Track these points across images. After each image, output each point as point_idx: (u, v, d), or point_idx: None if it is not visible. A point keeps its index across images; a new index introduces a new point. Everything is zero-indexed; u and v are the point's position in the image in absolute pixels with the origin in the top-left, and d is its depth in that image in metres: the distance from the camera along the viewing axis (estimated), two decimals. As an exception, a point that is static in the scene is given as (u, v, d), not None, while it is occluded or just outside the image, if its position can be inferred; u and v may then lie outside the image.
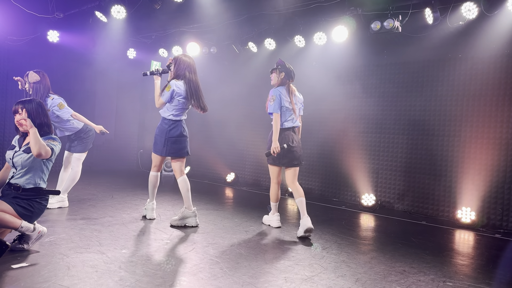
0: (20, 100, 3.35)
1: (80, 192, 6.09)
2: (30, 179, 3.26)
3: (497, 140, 5.42)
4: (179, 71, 4.47)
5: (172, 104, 4.42)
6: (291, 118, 4.60)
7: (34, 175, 3.28)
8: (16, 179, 3.24)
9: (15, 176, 3.24)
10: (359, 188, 6.67)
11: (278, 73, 4.65)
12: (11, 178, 3.25)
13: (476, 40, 5.51)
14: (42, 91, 4.86)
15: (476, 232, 5.06)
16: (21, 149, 3.29)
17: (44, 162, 3.35)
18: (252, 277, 3.00)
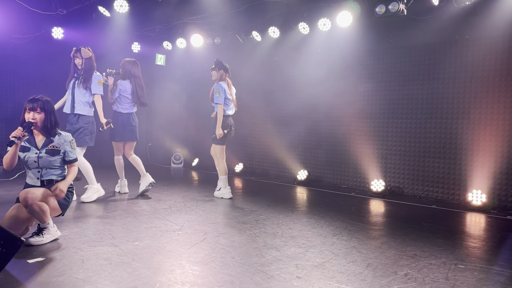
0: (36, 97, 3.40)
1: (91, 187, 6.15)
2: (60, 174, 3.53)
3: (506, 122, 5.36)
4: (124, 73, 5.65)
5: (121, 100, 5.59)
6: (231, 107, 5.67)
7: (61, 170, 3.54)
8: (49, 177, 3.46)
9: (45, 176, 3.44)
10: (368, 174, 6.66)
11: (217, 71, 5.61)
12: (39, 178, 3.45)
13: (484, 21, 5.41)
14: (92, 66, 5.18)
15: (487, 215, 5.04)
16: (42, 151, 3.41)
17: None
18: (263, 265, 3.03)
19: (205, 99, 9.33)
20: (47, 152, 3.39)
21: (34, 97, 3.39)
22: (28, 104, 3.35)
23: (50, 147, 3.41)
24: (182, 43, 8.19)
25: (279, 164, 7.97)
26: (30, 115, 3.32)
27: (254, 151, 8.51)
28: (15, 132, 3.15)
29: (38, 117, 3.33)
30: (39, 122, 3.34)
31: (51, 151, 3.41)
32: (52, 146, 3.42)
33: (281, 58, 7.86)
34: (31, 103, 3.35)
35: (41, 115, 3.35)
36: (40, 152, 3.38)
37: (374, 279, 2.81)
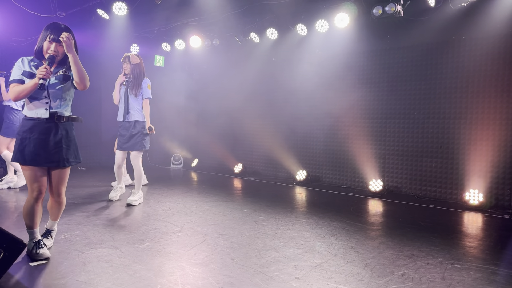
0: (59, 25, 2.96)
1: (91, 189, 6.20)
2: (68, 109, 3.15)
3: (503, 121, 5.40)
4: None
5: None
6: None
7: (69, 104, 3.17)
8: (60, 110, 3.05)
9: (55, 108, 3.02)
10: (366, 174, 6.70)
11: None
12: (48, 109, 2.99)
13: (480, 21, 5.46)
14: (142, 72, 5.28)
15: (484, 214, 5.08)
16: (52, 78, 2.99)
17: None
18: (263, 266, 3.07)
19: (204, 100, 9.41)
20: (58, 77, 2.99)
21: (57, 24, 2.93)
22: (50, 33, 2.88)
23: (61, 72, 3.01)
24: (181, 44, 8.23)
25: (278, 164, 8.02)
26: (51, 47, 2.88)
27: (253, 152, 8.55)
28: (42, 71, 2.75)
29: (60, 50, 2.93)
30: (59, 56, 2.96)
31: (62, 77, 3.00)
32: (62, 71, 3.01)
33: (279, 59, 7.90)
34: (54, 33, 2.87)
35: (62, 49, 2.92)
36: (50, 79, 2.97)
37: (372, 279, 2.86)
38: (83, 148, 8.87)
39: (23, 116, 2.99)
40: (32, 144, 2.91)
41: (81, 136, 8.72)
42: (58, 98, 3.01)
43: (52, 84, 2.96)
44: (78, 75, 2.89)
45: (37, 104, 2.95)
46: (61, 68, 3.02)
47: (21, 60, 2.96)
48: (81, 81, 2.91)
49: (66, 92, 3.06)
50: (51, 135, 2.98)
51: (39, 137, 2.93)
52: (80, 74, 2.89)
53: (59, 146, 3.00)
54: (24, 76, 2.92)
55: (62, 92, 3.01)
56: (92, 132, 9.05)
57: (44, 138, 2.95)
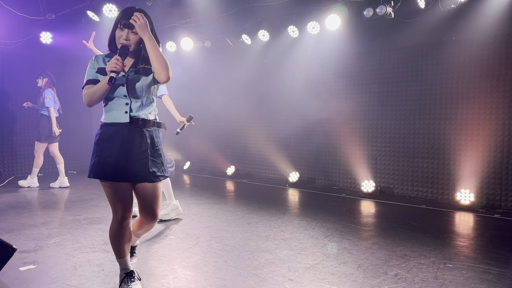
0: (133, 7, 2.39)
1: (82, 193, 6.14)
2: (153, 111, 2.50)
3: (493, 121, 5.46)
4: None
5: None
6: (57, 110, 6.60)
7: (153, 105, 2.52)
8: (141, 113, 2.41)
9: (136, 111, 2.38)
10: (358, 175, 6.72)
11: (42, 79, 6.40)
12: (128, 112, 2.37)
13: (469, 23, 5.52)
14: None
15: (475, 213, 5.12)
16: (131, 73, 2.40)
17: None
18: (256, 268, 3.05)
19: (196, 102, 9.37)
20: (138, 71, 2.40)
21: (129, 8, 2.38)
22: (121, 18, 2.35)
23: (141, 65, 2.42)
24: (172, 46, 8.20)
25: (271, 166, 8.01)
26: (122, 34, 2.34)
27: (245, 154, 8.54)
28: (113, 63, 2.23)
29: (133, 39, 2.35)
30: (132, 45, 2.37)
31: (143, 69, 2.41)
32: (143, 64, 2.43)
33: (271, 61, 7.91)
34: (125, 17, 2.32)
35: (136, 37, 2.35)
36: (129, 74, 2.38)
37: (365, 279, 2.86)
38: (74, 151, 8.80)
39: (101, 123, 2.44)
40: (114, 155, 2.33)
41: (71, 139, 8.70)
42: (140, 98, 2.38)
43: (131, 80, 2.36)
44: (156, 63, 2.26)
45: (114, 106, 2.37)
46: (140, 59, 2.45)
47: (94, 58, 2.45)
48: (161, 70, 2.26)
49: (149, 89, 2.43)
50: (135, 144, 2.36)
51: (120, 147, 2.33)
52: (159, 61, 2.25)
53: (145, 157, 2.38)
54: (100, 74, 2.39)
55: (144, 89, 2.39)
56: (83, 135, 8.96)
57: (127, 148, 2.34)
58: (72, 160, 8.76)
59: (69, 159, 8.69)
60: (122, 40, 2.33)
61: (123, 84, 2.34)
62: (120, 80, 2.33)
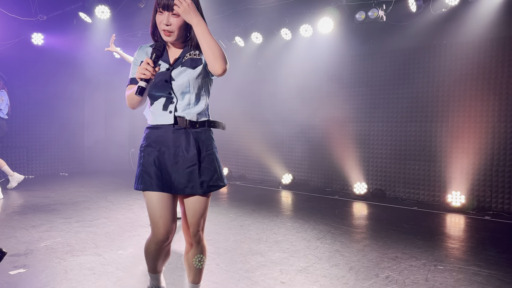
0: None
1: (74, 195, 6.09)
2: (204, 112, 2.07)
3: (483, 124, 5.52)
4: None
5: None
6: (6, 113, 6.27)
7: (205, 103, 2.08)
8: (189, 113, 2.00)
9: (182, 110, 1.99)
10: (351, 177, 6.75)
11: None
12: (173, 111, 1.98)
13: (460, 26, 5.58)
14: None
15: (466, 215, 5.17)
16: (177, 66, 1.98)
17: None
18: (248, 271, 3.06)
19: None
20: (184, 63, 1.97)
21: None
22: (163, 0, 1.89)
23: (188, 56, 1.99)
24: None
25: (264, 168, 8.02)
26: (163, 19, 1.90)
27: (239, 156, 8.54)
28: (142, 69, 1.80)
29: (175, 23, 1.90)
30: (176, 31, 1.92)
31: (190, 61, 1.98)
32: (190, 54, 2.00)
33: (264, 63, 7.92)
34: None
35: (180, 20, 1.90)
36: (174, 67, 1.97)
37: (357, 282, 2.87)
38: (66, 153, 8.74)
39: (147, 125, 2.09)
40: (157, 162, 1.98)
41: (63, 141, 8.64)
42: (187, 94, 1.98)
43: (176, 75, 1.95)
44: (209, 52, 1.84)
45: (159, 105, 1.99)
46: (187, 48, 2.02)
47: (138, 50, 2.08)
48: (215, 60, 1.85)
49: (199, 84, 2.00)
50: (181, 149, 1.97)
51: (165, 153, 1.98)
52: (212, 50, 1.84)
53: (193, 164, 1.97)
54: None
55: (192, 84, 1.97)
56: (75, 137, 8.91)
57: (171, 153, 1.97)
58: (63, 163, 8.70)
59: (60, 162, 8.64)
60: (163, 25, 1.89)
61: (167, 80, 1.94)
62: (164, 75, 1.94)
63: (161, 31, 1.92)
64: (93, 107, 9.34)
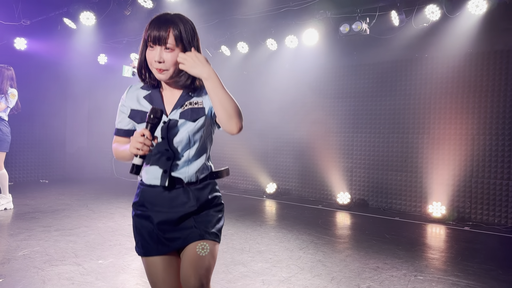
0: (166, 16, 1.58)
1: (54, 202, 5.98)
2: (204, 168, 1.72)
3: (463, 136, 5.64)
4: None
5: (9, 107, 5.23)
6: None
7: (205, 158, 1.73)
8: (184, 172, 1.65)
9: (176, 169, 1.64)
10: (334, 187, 6.80)
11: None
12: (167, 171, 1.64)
13: (441, 40, 5.72)
14: None
15: (446, 226, 5.26)
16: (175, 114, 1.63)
17: None
18: (230, 281, 3.04)
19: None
20: (183, 114, 1.63)
21: (163, 16, 1.58)
22: (153, 31, 1.54)
23: (188, 105, 1.64)
24: (151, 56, 8.16)
25: (248, 177, 8.02)
26: (155, 54, 1.54)
27: (223, 165, 8.51)
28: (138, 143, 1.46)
29: (169, 59, 1.54)
30: (171, 69, 1.56)
31: (190, 112, 1.63)
32: (191, 103, 1.65)
33: (250, 73, 7.97)
34: (158, 29, 1.53)
35: (173, 54, 1.54)
36: (171, 118, 1.63)
37: (338, 292, 2.88)
38: (47, 160, 8.59)
39: (139, 181, 1.75)
40: (151, 225, 1.68)
41: (44, 147, 8.49)
42: (186, 150, 1.65)
43: (175, 127, 1.62)
44: (221, 111, 1.57)
45: (154, 161, 1.66)
46: (186, 91, 1.67)
47: (126, 92, 1.72)
48: (229, 118, 1.58)
49: (200, 137, 1.67)
50: (177, 206, 1.66)
51: (161, 211, 1.67)
52: (225, 109, 1.57)
53: (191, 216, 1.68)
54: (134, 120, 1.68)
55: (192, 138, 1.64)
56: (56, 144, 8.76)
57: (168, 211, 1.66)
58: (44, 169, 8.54)
59: (41, 168, 8.48)
60: (155, 63, 1.55)
61: (164, 137, 1.61)
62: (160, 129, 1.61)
63: (153, 69, 1.58)
64: (76, 113, 9.21)
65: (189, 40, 1.57)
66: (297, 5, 5.65)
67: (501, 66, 5.42)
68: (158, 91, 1.67)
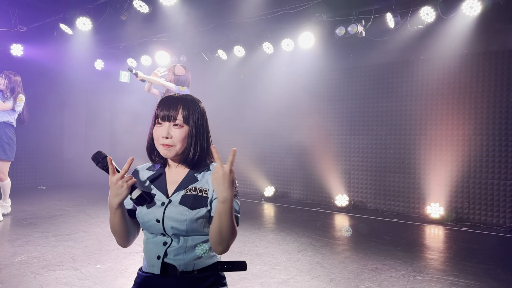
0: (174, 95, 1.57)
1: (52, 208, 5.96)
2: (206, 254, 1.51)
3: (460, 137, 5.66)
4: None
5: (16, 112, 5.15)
6: None
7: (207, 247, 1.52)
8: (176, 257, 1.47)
9: (173, 253, 1.47)
10: (332, 189, 6.80)
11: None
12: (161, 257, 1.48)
13: (436, 42, 5.75)
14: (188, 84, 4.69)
15: (445, 227, 5.26)
16: (176, 197, 1.50)
17: None
18: (229, 284, 3.01)
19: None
20: (184, 200, 1.48)
21: (174, 95, 1.57)
22: (162, 110, 1.52)
23: (192, 190, 1.51)
24: (147, 60, 8.17)
25: (246, 180, 8.01)
26: (162, 131, 1.50)
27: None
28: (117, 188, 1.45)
29: (177, 135, 1.50)
30: (178, 144, 1.50)
31: (193, 199, 1.49)
32: (195, 189, 1.51)
33: (247, 76, 7.99)
34: (168, 107, 1.51)
35: (182, 130, 1.51)
36: (171, 199, 1.50)
37: (337, 294, 2.88)
38: (44, 166, 8.57)
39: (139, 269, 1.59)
40: None
41: (41, 153, 8.47)
42: (183, 235, 1.49)
43: (172, 212, 1.48)
44: (217, 233, 1.42)
45: (152, 246, 1.52)
46: (192, 173, 1.56)
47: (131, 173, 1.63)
48: (220, 243, 1.44)
49: (201, 225, 1.49)
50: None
51: None
52: (223, 233, 1.42)
53: None
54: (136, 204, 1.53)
55: (191, 228, 1.47)
56: (53, 150, 8.74)
57: None
58: (41, 175, 8.52)
59: (38, 174, 8.45)
60: (162, 139, 1.49)
61: (159, 220, 1.47)
62: (156, 212, 1.48)
63: (159, 146, 1.50)
64: (73, 119, 9.20)
65: (198, 120, 1.55)
66: (293, 8, 5.68)
67: (496, 66, 5.45)
68: (163, 170, 1.59)
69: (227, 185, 1.39)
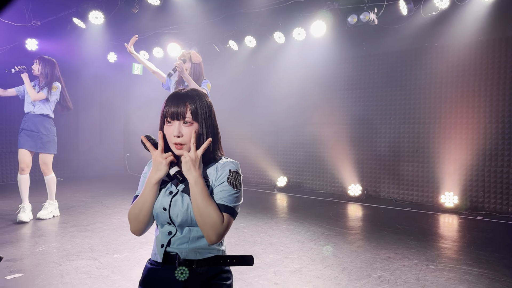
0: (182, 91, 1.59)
1: (69, 200, 6.10)
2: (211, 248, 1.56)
3: (475, 125, 5.59)
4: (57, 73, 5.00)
5: (51, 101, 4.89)
6: None
7: None
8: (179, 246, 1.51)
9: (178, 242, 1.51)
10: (345, 179, 6.80)
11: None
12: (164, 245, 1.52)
13: (451, 29, 5.65)
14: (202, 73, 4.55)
15: (459, 216, 5.23)
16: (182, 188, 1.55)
17: None
18: (242, 272, 3.09)
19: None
20: (187, 189, 1.53)
21: (180, 92, 1.59)
22: (170, 107, 1.54)
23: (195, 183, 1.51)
24: (159, 52, 8.21)
25: (259, 171, 8.06)
26: (173, 130, 1.52)
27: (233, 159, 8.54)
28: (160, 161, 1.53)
29: (187, 133, 1.52)
30: (188, 142, 1.52)
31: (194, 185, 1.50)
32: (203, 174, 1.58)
33: (258, 67, 7.98)
34: (176, 105, 1.53)
35: (192, 128, 1.54)
36: (179, 189, 1.56)
37: (349, 282, 2.91)
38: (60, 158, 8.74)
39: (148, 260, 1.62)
40: None
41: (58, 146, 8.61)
42: (187, 226, 1.53)
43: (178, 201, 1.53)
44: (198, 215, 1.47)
45: (159, 235, 1.57)
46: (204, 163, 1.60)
47: (148, 164, 1.71)
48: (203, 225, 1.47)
49: None
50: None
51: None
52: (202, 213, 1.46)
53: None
54: None
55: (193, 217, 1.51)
56: (69, 142, 8.90)
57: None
58: (58, 168, 8.69)
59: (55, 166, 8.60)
60: (174, 138, 1.51)
61: (165, 208, 1.52)
62: (164, 200, 1.53)
63: (172, 145, 1.53)
64: (88, 111, 9.34)
65: (206, 115, 1.59)
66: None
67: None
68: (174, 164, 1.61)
69: (193, 167, 1.48)
